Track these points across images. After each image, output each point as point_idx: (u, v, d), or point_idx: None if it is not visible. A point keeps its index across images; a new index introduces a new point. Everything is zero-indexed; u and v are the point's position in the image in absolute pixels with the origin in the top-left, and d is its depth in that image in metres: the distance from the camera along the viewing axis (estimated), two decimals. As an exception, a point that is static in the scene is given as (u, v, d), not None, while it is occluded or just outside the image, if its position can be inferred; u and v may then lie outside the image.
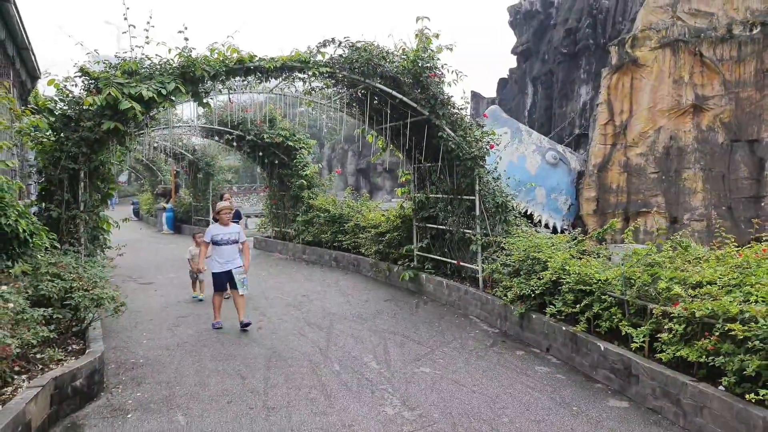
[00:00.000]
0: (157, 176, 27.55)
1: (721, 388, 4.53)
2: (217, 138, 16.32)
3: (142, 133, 10.70)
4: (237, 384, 5.71)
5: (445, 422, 4.84)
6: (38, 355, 5.08)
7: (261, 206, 22.55)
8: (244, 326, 7.72)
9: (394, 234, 11.26)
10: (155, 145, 17.98)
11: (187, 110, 15.15)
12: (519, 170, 18.08)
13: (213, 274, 7.81)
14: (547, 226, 19.18)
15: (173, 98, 7.38)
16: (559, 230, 18.53)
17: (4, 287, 5.03)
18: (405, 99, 8.65)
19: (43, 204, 7.58)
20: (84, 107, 7.07)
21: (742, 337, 4.24)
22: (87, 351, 5.45)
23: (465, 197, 9.22)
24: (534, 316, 7.14)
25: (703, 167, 16.48)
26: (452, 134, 8.81)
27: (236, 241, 7.89)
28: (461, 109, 9.09)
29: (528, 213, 18.65)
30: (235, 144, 15.68)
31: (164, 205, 24.17)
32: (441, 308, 9.13)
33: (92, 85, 7.30)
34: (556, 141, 21.03)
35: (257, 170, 40.02)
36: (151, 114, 7.90)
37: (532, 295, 7.18)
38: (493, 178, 9.17)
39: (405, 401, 5.28)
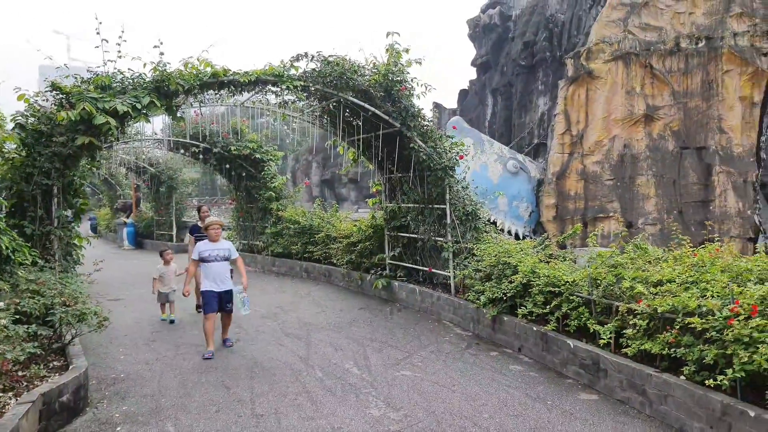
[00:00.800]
0: (116, 191, 27.07)
1: (682, 377, 4.89)
2: (183, 151, 16.24)
3: (108, 147, 10.65)
4: (222, 394, 5.81)
5: (429, 420, 5.06)
6: (20, 372, 5.08)
7: (224, 219, 22.43)
8: (228, 344, 7.54)
9: (366, 243, 11.46)
10: (118, 159, 17.74)
11: (150, 124, 15.05)
12: (482, 179, 18.55)
13: (204, 293, 7.26)
14: (509, 233, 19.70)
15: (147, 112, 7.44)
16: (521, 237, 19.07)
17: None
18: (377, 111, 8.91)
19: (13, 221, 7.50)
20: (57, 122, 7.06)
21: (700, 329, 4.61)
22: (71, 367, 5.46)
23: (436, 206, 9.52)
24: (506, 318, 7.45)
25: (655, 173, 17.26)
26: (423, 145, 9.10)
27: (227, 258, 7.40)
28: (431, 121, 9.41)
29: (491, 221, 19.14)
30: (201, 157, 15.64)
31: (125, 220, 23.76)
32: (415, 314, 9.37)
33: (64, 100, 7.30)
34: (516, 150, 21.64)
35: (218, 183, 39.76)
36: (123, 129, 7.93)
37: (504, 298, 7.50)
38: (462, 187, 9.49)
39: (389, 403, 5.49)
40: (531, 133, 22.49)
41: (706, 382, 4.42)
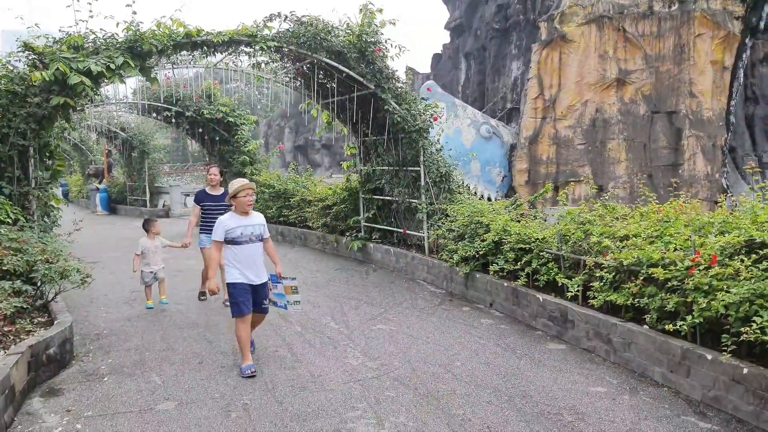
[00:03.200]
0: (87, 156, 26.56)
1: (645, 326, 5.19)
2: (154, 115, 16.02)
3: (80, 111, 10.49)
4: (205, 347, 5.96)
5: (405, 368, 5.29)
6: (6, 327, 5.15)
7: (197, 185, 22.28)
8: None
9: (341, 206, 11.59)
10: (88, 123, 17.40)
11: (121, 86, 14.77)
12: (455, 144, 18.72)
13: (233, 287, 5.19)
14: (482, 197, 20.02)
15: (122, 73, 7.37)
16: (493, 201, 19.38)
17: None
18: (351, 73, 8.93)
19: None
20: (31, 83, 6.96)
21: (663, 279, 4.88)
22: (56, 321, 5.54)
23: (410, 168, 9.66)
24: (478, 276, 7.71)
25: (626, 138, 17.62)
26: (397, 107, 9.18)
27: (262, 238, 5.38)
28: (405, 83, 9.47)
29: (464, 185, 19.37)
30: (173, 121, 15.46)
31: (97, 185, 23.41)
32: (390, 274, 9.59)
33: (37, 60, 7.18)
34: (489, 115, 21.79)
35: (190, 149, 39.22)
36: (97, 90, 7.83)
37: (476, 256, 7.74)
38: (436, 149, 9.63)
39: (366, 353, 5.71)
40: (504, 98, 22.62)
41: (667, 327, 4.70)
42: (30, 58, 7.21)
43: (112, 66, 7.21)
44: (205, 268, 7.68)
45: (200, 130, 15.21)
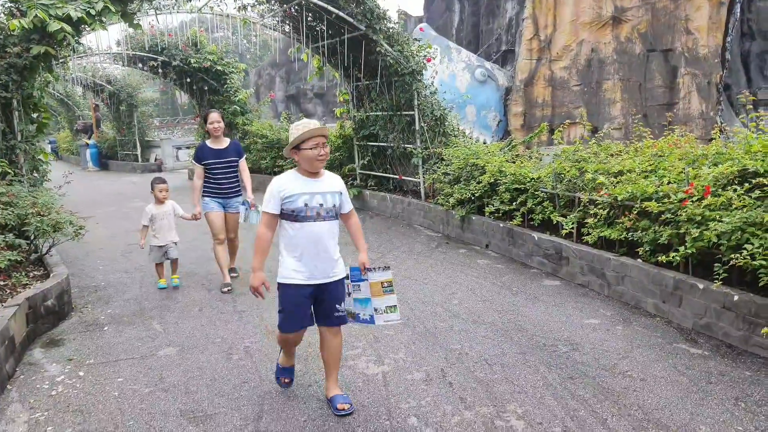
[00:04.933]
0: (74, 111, 26.14)
1: (638, 260, 5.24)
2: (140, 65, 15.68)
3: (63, 63, 10.23)
4: (204, 295, 6.01)
5: (403, 308, 5.33)
6: (1, 281, 5.16)
7: (191, 138, 22.04)
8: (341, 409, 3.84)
9: (336, 154, 11.50)
10: (73, 76, 17.04)
11: (105, 36, 14.42)
12: (450, 88, 18.44)
13: (285, 289, 3.50)
14: (478, 142, 19.88)
15: (103, 19, 7.15)
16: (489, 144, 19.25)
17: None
18: (341, 14, 8.69)
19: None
20: (10, 32, 6.76)
21: (656, 212, 4.90)
22: (52, 274, 5.56)
23: (404, 113, 9.53)
24: (474, 218, 7.72)
25: (622, 77, 17.37)
26: (390, 49, 8.98)
27: (337, 213, 3.58)
28: (396, 23, 9.24)
29: (460, 130, 19.19)
30: (160, 71, 15.13)
31: (86, 141, 23.13)
32: (387, 221, 9.61)
33: (14, 8, 6.95)
34: (484, 58, 21.39)
35: (179, 102, 38.61)
36: (78, 37, 7.62)
37: (472, 199, 7.73)
38: (430, 92, 9.48)
39: (365, 296, 5.76)
40: (499, 40, 22.18)
41: (660, 259, 4.74)
42: (6, 6, 6.98)
43: (92, 12, 6.99)
44: (217, 247, 6.25)
45: (188, 80, 14.92)
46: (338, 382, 3.70)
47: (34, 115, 7.72)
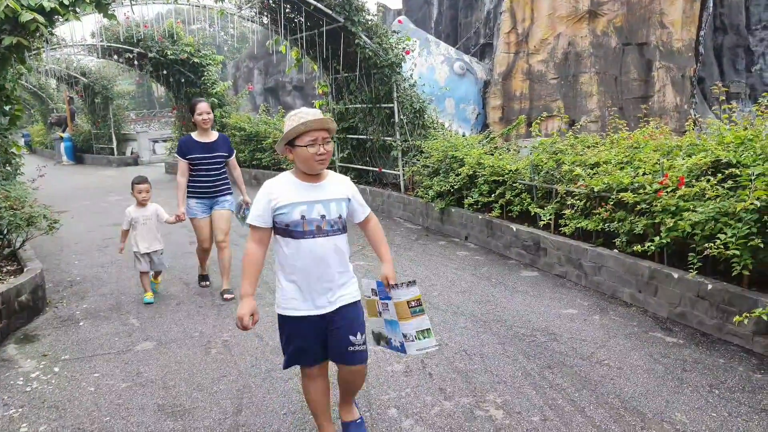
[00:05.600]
0: (48, 104, 25.62)
1: (615, 250, 5.31)
2: (116, 57, 15.41)
3: (36, 55, 10.02)
4: (182, 289, 5.95)
5: (383, 301, 5.37)
6: (-27, 277, 5.06)
7: (167, 131, 21.75)
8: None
9: (315, 147, 11.42)
10: (46, 68, 16.69)
11: (79, 28, 14.13)
12: (429, 81, 18.46)
13: (286, 323, 2.88)
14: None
15: (77, 9, 6.99)
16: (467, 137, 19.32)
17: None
18: (319, 5, 8.62)
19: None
20: (-21, 22, 6.58)
21: (632, 203, 4.97)
22: (25, 269, 5.46)
23: (384, 105, 9.51)
24: (453, 210, 7.76)
25: (598, 71, 17.54)
26: (369, 41, 8.95)
27: (342, 226, 2.87)
28: (375, 15, 9.20)
29: (439, 123, 19.24)
30: (136, 63, 14.90)
31: (61, 134, 22.70)
32: (365, 213, 9.59)
33: (-18, -2, 6.76)
34: (462, 51, 21.43)
35: (155, 95, 38.05)
36: (52, 28, 7.45)
37: (451, 191, 7.76)
38: (409, 85, 9.47)
39: (344, 289, 5.76)
40: (477, 33, 22.23)
41: (636, 248, 4.82)
42: (-24, -5, 6.77)
43: (66, 2, 6.83)
44: (206, 259, 5.90)
45: (164, 72, 14.70)
46: (354, 404, 3.17)
47: (7, 108, 7.53)
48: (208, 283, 6.03)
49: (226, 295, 5.58)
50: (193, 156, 5.48)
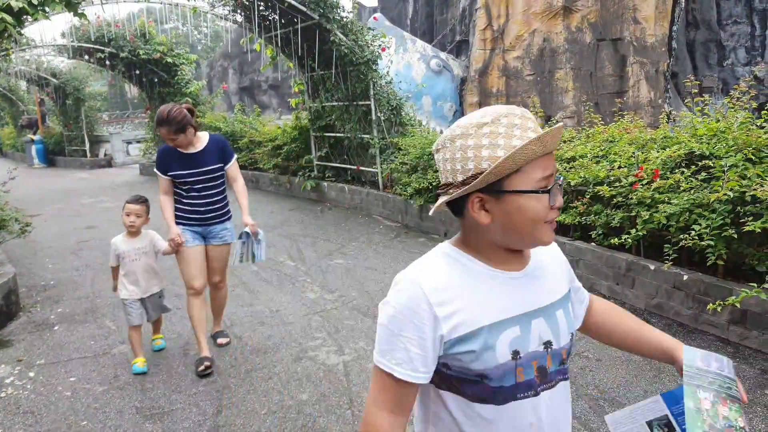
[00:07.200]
0: (18, 107, 25.07)
1: (592, 243, 5.36)
2: (87, 57, 15.12)
3: (5, 56, 9.79)
4: (159, 291, 5.86)
5: (363, 298, 5.36)
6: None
7: (141, 132, 21.43)
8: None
9: (292, 146, 11.37)
10: (16, 69, 16.33)
11: (49, 28, 13.86)
12: (405, 78, 18.48)
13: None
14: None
15: (46, 9, 6.84)
16: (446, 135, 19.38)
17: None
18: (293, 2, 8.55)
19: None
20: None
21: (608, 196, 5.02)
22: (-4, 274, 5.33)
23: (360, 103, 9.48)
24: (432, 207, 7.75)
25: (573, 66, 17.73)
26: (344, 38, 8.90)
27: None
28: (351, 12, 9.17)
29: (417, 121, 19.27)
30: (107, 63, 14.64)
31: (32, 137, 22.22)
32: (345, 212, 9.57)
33: (-53, -4, 6.58)
34: (438, 48, 21.49)
35: (128, 96, 37.48)
36: (21, 28, 7.28)
37: (430, 188, 7.76)
38: (386, 82, 9.46)
39: (324, 287, 5.73)
40: (453, 30, 22.32)
41: (613, 241, 4.87)
42: (-60, -6, 6.60)
43: (35, 1, 6.68)
44: (192, 301, 4.17)
45: (137, 72, 14.47)
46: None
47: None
48: (209, 366, 4.02)
49: (219, 339, 4.49)
50: (175, 173, 4.05)
